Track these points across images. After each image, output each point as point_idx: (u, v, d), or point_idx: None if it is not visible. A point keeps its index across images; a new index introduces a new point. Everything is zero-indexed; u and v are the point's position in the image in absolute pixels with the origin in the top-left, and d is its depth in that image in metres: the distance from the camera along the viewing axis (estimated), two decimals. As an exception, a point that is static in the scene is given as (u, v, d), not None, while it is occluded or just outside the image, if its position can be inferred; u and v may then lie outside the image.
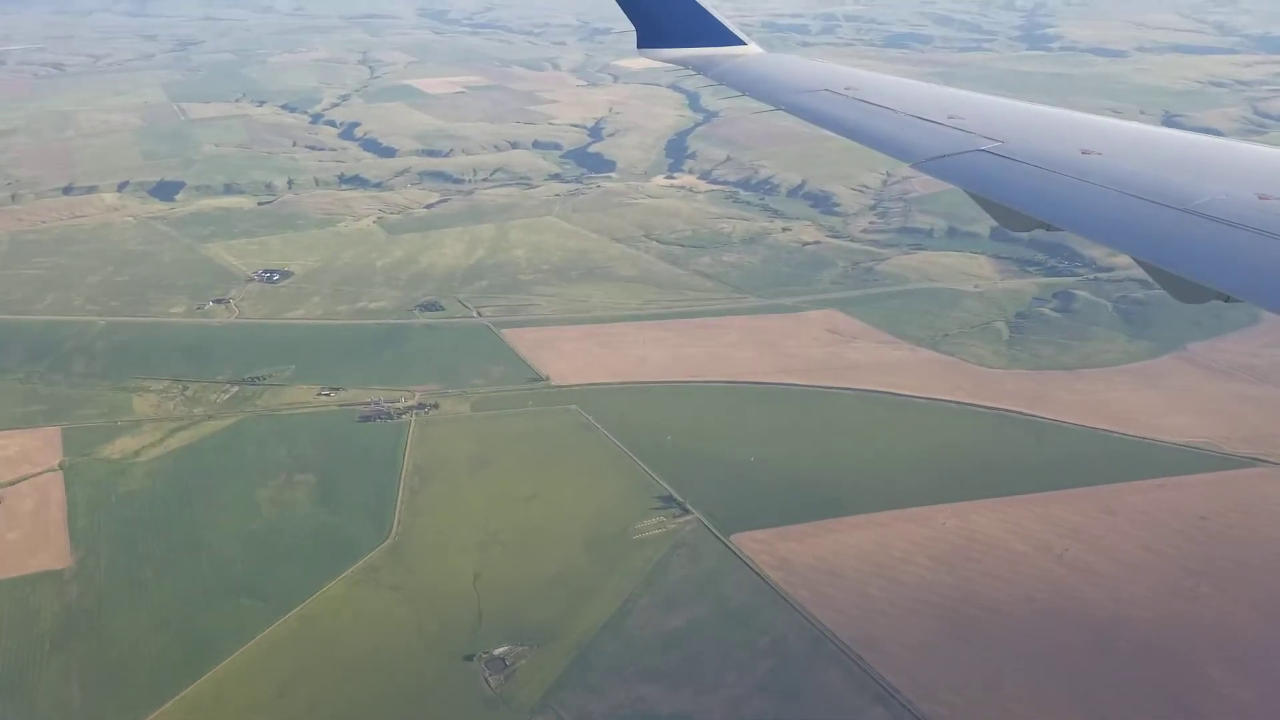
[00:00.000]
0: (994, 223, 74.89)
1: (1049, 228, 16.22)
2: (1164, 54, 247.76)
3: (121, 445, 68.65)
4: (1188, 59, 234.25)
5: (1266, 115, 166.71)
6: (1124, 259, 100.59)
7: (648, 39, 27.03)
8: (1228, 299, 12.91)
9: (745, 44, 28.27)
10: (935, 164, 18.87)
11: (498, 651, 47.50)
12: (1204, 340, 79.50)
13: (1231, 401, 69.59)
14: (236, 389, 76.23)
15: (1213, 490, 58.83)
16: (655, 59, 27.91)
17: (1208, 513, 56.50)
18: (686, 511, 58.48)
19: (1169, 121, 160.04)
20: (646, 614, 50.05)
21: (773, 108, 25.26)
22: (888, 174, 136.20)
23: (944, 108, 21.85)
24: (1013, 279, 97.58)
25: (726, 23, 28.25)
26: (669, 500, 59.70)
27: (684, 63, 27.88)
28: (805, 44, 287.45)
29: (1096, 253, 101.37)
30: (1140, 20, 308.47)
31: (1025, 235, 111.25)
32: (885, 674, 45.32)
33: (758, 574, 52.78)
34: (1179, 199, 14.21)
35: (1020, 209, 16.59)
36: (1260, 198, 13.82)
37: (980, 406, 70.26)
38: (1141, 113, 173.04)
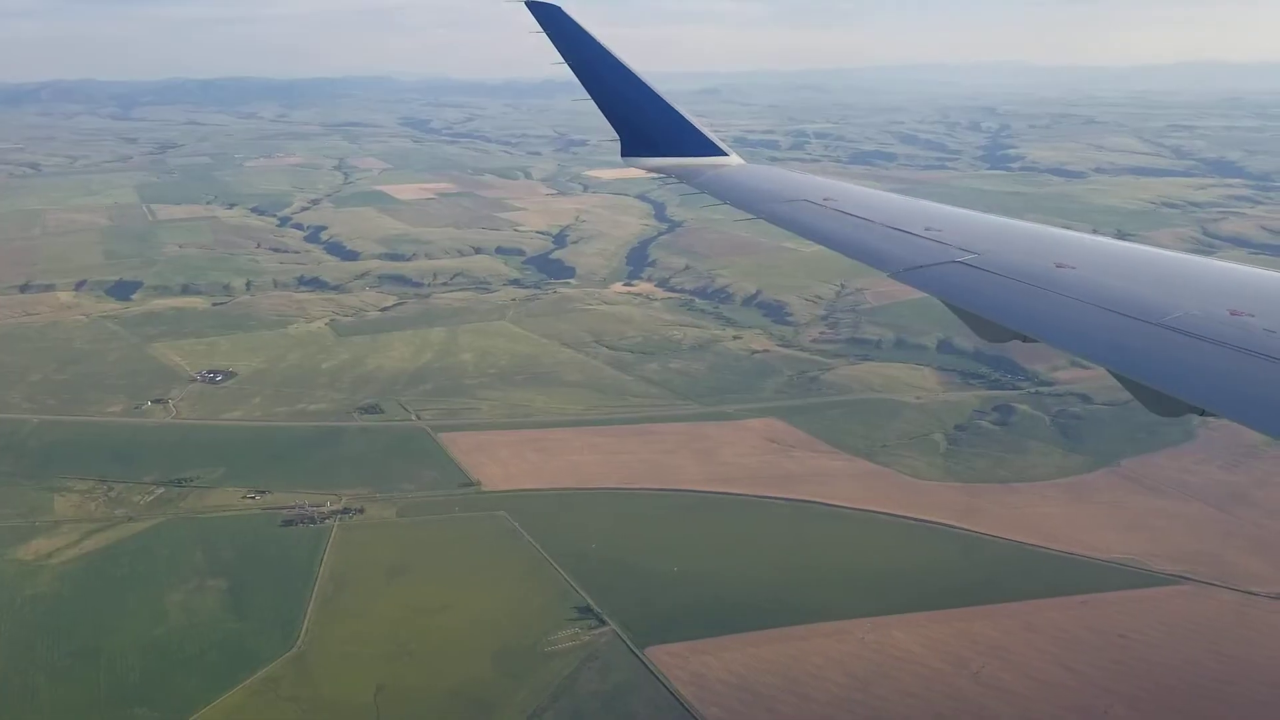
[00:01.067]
0: (941, 335, 76.72)
1: (1025, 338, 16.38)
2: (1121, 175, 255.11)
3: (36, 547, 67.11)
4: (1143, 181, 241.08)
5: (1215, 236, 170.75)
6: (1065, 374, 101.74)
7: (632, 148, 27.67)
8: (1202, 412, 13.05)
9: (727, 155, 28.98)
10: (913, 274, 19.13)
11: (390, 769, 45.78)
12: (1138, 456, 79.78)
13: (1160, 518, 69.47)
14: (162, 490, 75.04)
15: (1135, 608, 58.24)
16: (639, 168, 28.46)
17: (1128, 630, 55.80)
18: (603, 623, 57.30)
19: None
20: (549, 730, 48.54)
21: (752, 216, 25.70)
22: (841, 285, 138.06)
23: (921, 219, 22.27)
24: (955, 391, 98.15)
25: (709, 134, 28.93)
26: (586, 611, 58.55)
27: (667, 171, 28.42)
28: (774, 159, 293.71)
29: (1039, 366, 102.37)
30: (1100, 143, 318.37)
31: (970, 348, 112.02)
32: (789, 796, 43.91)
33: (669, 690, 51.49)
34: (1152, 313, 14.47)
35: (996, 320, 16.79)
36: (1231, 313, 14.10)
37: (910, 519, 69.83)
38: (1095, 231, 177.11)
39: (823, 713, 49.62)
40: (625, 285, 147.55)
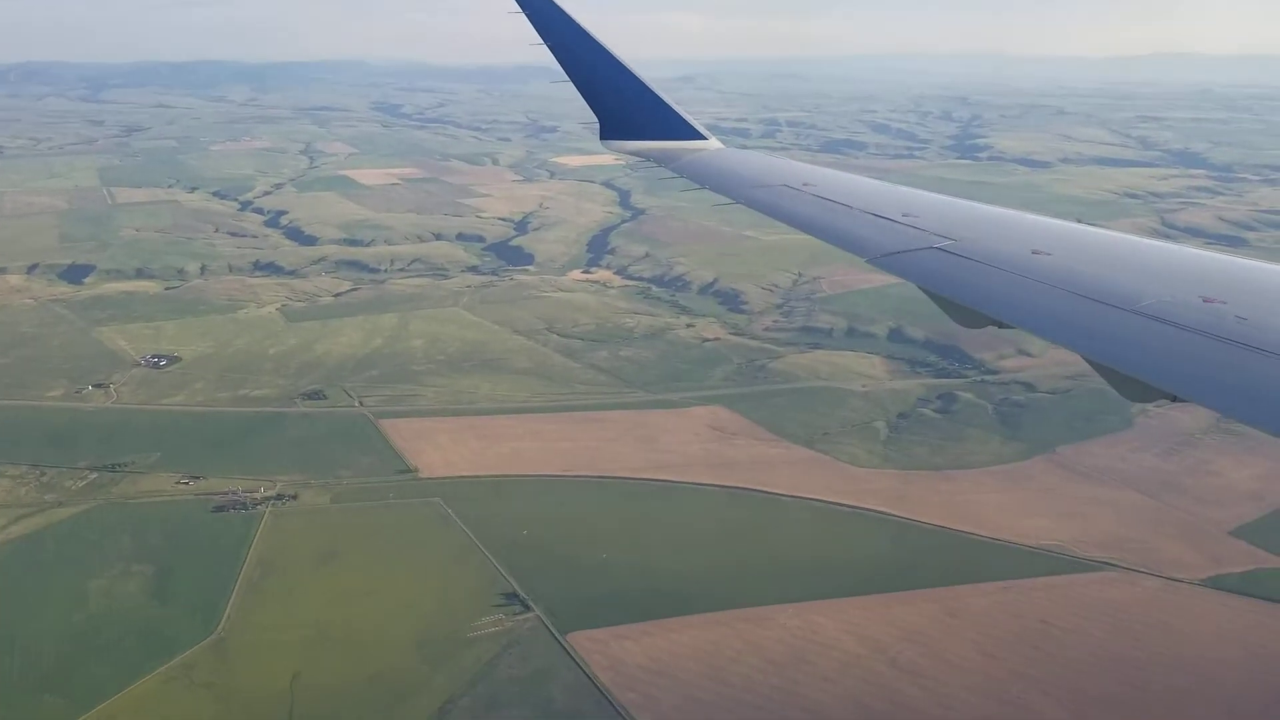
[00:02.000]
0: (892, 323, 76.94)
1: (1000, 325, 16.42)
2: (1087, 166, 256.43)
3: (-38, 532, 66.29)
4: (1108, 171, 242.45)
5: (1173, 226, 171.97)
6: (1012, 362, 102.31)
7: (610, 131, 27.51)
8: (1174, 398, 13.08)
9: (706, 139, 28.83)
10: (890, 260, 19.17)
11: (298, 755, 45.58)
12: (1075, 443, 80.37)
13: (1090, 505, 69.96)
14: (96, 476, 74.28)
15: (1058, 594, 58.65)
16: (617, 151, 28.25)
17: (1049, 616, 56.21)
18: (528, 609, 57.22)
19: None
20: (464, 717, 48.41)
21: (731, 201, 25.60)
22: (799, 274, 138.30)
23: (899, 205, 22.31)
24: (902, 379, 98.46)
25: (688, 117, 28.77)
26: (512, 597, 58.45)
27: (645, 155, 28.25)
28: (745, 146, 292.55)
29: (987, 355, 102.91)
30: (1069, 134, 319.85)
31: (920, 337, 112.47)
32: (695, 781, 43.99)
33: (587, 675, 51.47)
34: (1126, 300, 14.55)
35: (972, 306, 16.80)
36: (1204, 300, 14.24)
37: (843, 506, 70.05)
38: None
39: (738, 697, 49.72)
40: (584, 273, 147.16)
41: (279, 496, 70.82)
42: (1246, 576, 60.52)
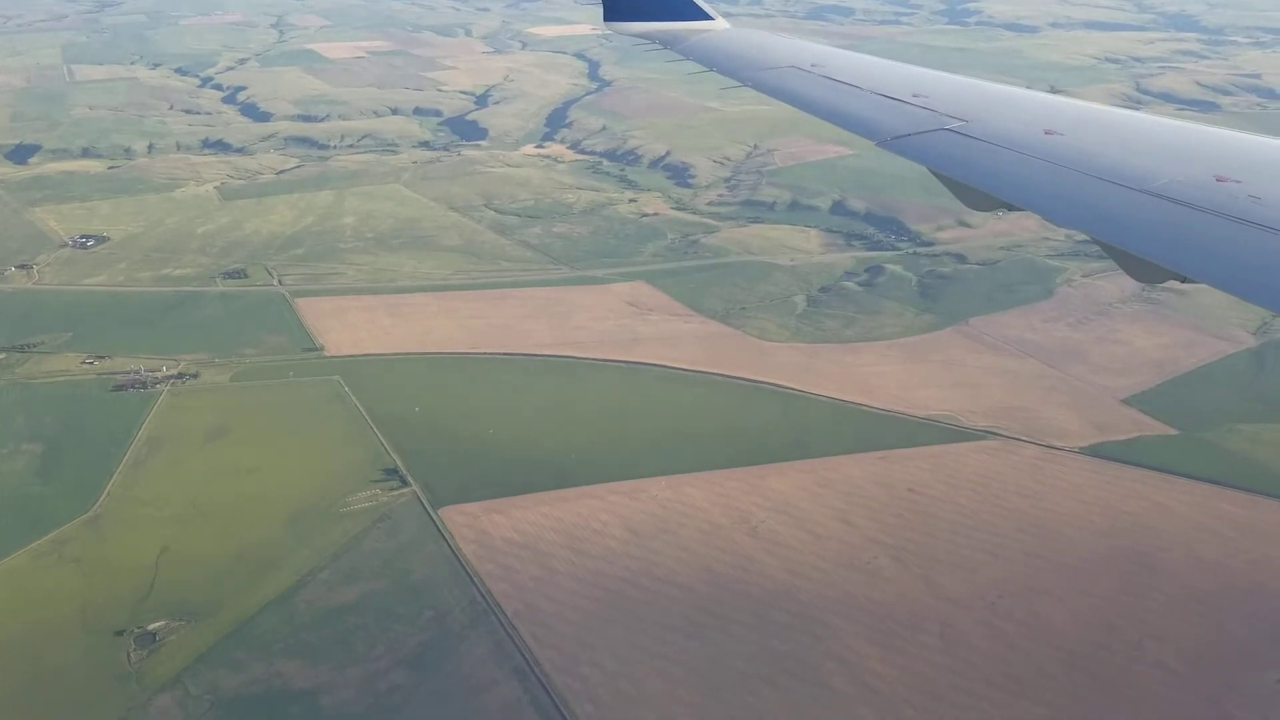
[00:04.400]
0: (835, 196, 75.57)
1: (1010, 208, 16.07)
2: (1075, 30, 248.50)
3: None
4: (1095, 35, 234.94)
5: (1146, 92, 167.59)
6: (949, 233, 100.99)
7: (614, 12, 26.36)
8: (1184, 280, 12.69)
9: (712, 19, 27.73)
10: (900, 143, 18.68)
11: (151, 627, 46.64)
12: (989, 315, 79.86)
13: (988, 375, 69.79)
14: (4, 356, 74.53)
15: (934, 463, 58.93)
16: (622, 32, 27.21)
17: (919, 485, 56.59)
18: (405, 484, 57.80)
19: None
20: (320, 589, 49.32)
21: (738, 84, 24.77)
22: (754, 146, 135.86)
23: (910, 86, 21.65)
24: (834, 253, 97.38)
25: None
26: (392, 473, 58.99)
27: (650, 36, 27.21)
28: (729, 14, 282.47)
29: (925, 226, 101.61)
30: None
31: (861, 209, 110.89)
32: (533, 647, 44.97)
33: (451, 548, 52.22)
34: (1139, 180, 14.13)
35: (984, 189, 16.39)
36: (1217, 180, 13.77)
37: (742, 379, 70.01)
38: (1028, 87, 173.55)
39: (594, 567, 50.49)
40: (536, 147, 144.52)
41: (180, 375, 71.05)
42: (1127, 444, 60.63)
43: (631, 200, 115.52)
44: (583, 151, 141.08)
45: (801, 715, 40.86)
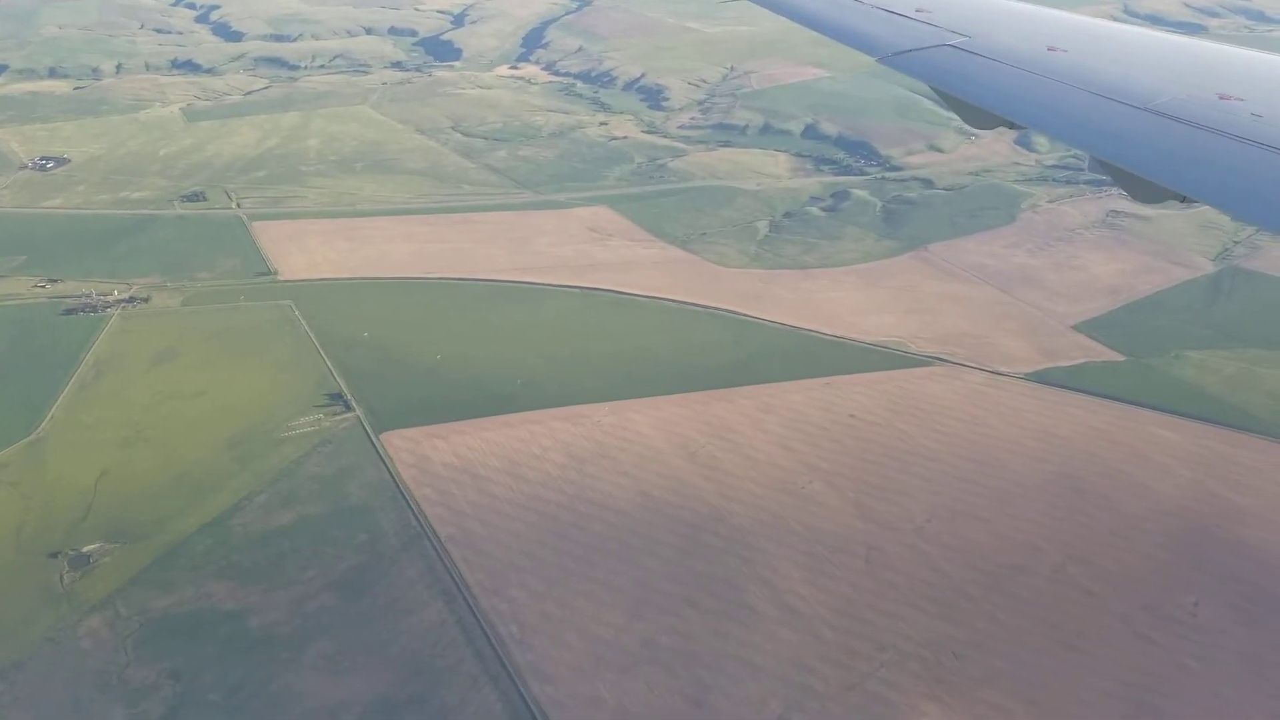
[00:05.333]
0: (808, 120, 74.39)
1: (1012, 125, 15.80)
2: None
3: None
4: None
5: (1134, 14, 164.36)
6: (918, 158, 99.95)
7: None
8: (1184, 199, 12.46)
9: None
10: (902, 59, 18.33)
11: (86, 549, 46.97)
12: (949, 240, 79.37)
13: (940, 301, 69.56)
14: (-46, 280, 74.06)
15: (876, 389, 58.99)
16: None
17: (860, 411, 56.71)
18: (349, 409, 57.83)
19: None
20: (256, 512, 49.61)
21: None
22: (730, 68, 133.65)
23: (913, 0, 21.22)
24: (801, 178, 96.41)
25: None
26: (336, 398, 58.98)
27: None
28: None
29: (895, 151, 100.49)
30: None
31: (833, 133, 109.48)
32: (464, 570, 45.38)
33: (390, 472, 52.43)
34: (1141, 98, 13.84)
35: (985, 107, 16.12)
36: (1221, 98, 13.49)
37: (697, 305, 69.79)
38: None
39: (532, 492, 50.76)
40: (510, 68, 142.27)
41: (132, 299, 70.68)
42: (1072, 370, 60.71)
43: (602, 123, 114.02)
44: (557, 73, 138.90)
45: (722, 636, 41.40)
